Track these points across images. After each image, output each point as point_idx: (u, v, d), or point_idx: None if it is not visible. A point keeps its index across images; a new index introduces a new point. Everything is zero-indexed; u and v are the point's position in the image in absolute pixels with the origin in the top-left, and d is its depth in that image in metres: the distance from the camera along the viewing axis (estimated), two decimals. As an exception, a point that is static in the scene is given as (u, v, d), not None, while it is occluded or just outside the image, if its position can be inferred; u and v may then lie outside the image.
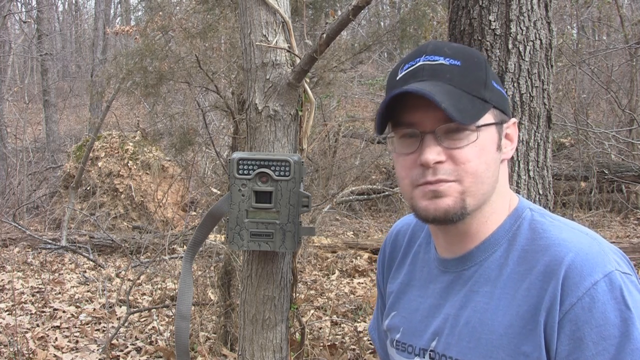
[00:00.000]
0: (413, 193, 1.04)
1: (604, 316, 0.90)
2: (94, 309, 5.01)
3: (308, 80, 1.84)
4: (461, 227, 1.05)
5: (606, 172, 7.74)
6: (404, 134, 1.04)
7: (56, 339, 4.26)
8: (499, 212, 1.07)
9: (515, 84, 1.98)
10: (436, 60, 1.03)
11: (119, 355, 3.97)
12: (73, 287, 5.75)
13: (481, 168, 1.01)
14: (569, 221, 1.05)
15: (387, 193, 7.98)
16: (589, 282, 0.91)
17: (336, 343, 3.86)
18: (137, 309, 4.67)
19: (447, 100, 0.96)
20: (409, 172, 1.03)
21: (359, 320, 4.43)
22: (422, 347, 1.11)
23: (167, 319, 4.57)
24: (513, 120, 1.10)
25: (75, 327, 4.56)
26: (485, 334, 1.00)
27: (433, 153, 0.99)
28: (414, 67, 1.04)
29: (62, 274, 6.32)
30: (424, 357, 1.10)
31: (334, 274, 5.83)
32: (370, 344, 3.74)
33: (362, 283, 5.54)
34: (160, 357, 3.92)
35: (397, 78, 1.06)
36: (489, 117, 1.03)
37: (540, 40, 1.99)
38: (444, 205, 1.00)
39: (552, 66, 2.05)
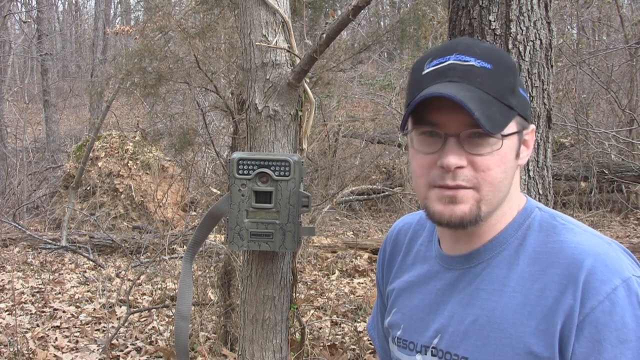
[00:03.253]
0: (428, 193, 1.03)
1: (623, 320, 0.93)
2: (94, 309, 5.01)
3: (308, 80, 1.84)
4: (471, 229, 1.05)
5: (606, 172, 7.74)
6: (425, 132, 1.02)
7: (56, 339, 4.26)
8: (509, 214, 1.07)
9: (515, 84, 1.98)
10: (467, 61, 1.00)
11: (119, 355, 3.97)
12: (73, 287, 5.75)
13: (500, 177, 1.00)
14: (577, 222, 1.06)
15: (387, 193, 7.98)
16: (609, 287, 0.94)
17: (336, 343, 3.86)
18: (137, 309, 4.67)
19: (479, 109, 0.94)
20: (427, 172, 1.02)
21: (359, 320, 4.42)
22: (423, 344, 1.11)
23: (167, 319, 4.57)
24: (532, 127, 1.08)
25: (75, 327, 4.56)
26: (494, 333, 1.00)
27: (455, 158, 0.98)
28: (443, 64, 1.02)
29: (62, 274, 6.32)
30: (425, 354, 1.10)
31: (334, 274, 5.83)
32: (370, 343, 3.74)
33: (362, 283, 5.54)
34: (160, 357, 3.92)
35: (424, 73, 1.03)
36: (512, 126, 1.01)
37: (540, 40, 1.99)
38: (460, 213, 1.00)
39: (552, 66, 2.05)
